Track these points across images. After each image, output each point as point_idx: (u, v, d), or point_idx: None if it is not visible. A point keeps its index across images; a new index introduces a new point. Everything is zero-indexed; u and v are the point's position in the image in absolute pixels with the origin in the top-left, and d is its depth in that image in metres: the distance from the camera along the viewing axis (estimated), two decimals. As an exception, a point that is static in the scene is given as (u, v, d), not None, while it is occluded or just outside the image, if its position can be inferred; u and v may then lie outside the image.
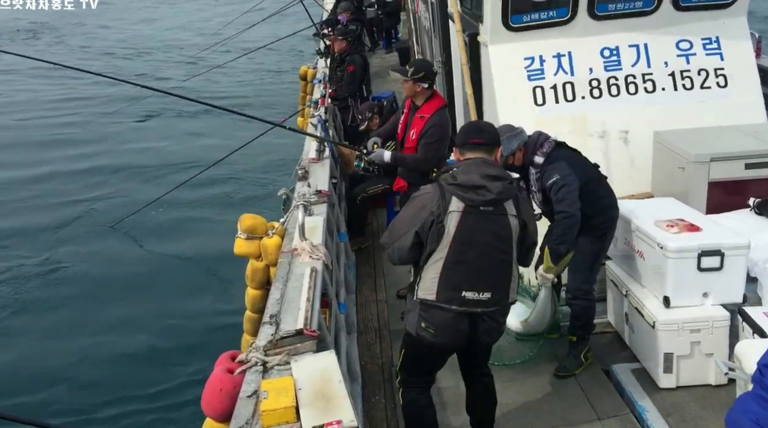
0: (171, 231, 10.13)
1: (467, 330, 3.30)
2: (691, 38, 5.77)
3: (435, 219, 3.19)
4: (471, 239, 3.19)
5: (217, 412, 2.87)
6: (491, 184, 3.18)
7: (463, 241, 3.19)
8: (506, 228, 3.23)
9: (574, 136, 5.60)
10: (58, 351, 7.45)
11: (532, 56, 5.77)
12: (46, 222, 10.53)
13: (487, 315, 3.29)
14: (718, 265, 4.11)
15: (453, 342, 3.38)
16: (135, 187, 11.96)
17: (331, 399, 2.55)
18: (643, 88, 5.73)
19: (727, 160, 4.96)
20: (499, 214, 3.22)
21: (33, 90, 19.02)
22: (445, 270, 3.21)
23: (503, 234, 3.23)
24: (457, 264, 3.20)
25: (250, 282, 4.56)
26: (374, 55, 15.70)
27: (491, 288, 3.24)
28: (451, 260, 3.20)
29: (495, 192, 3.18)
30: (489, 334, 3.38)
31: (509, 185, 3.27)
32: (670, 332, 4.12)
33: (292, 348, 2.93)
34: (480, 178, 3.19)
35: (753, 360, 3.47)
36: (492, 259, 3.23)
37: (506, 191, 3.23)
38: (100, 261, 9.32)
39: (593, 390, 4.28)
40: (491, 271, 3.25)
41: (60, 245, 9.83)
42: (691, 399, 4.09)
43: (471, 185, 3.18)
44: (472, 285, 3.21)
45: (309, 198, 4.72)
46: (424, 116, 5.27)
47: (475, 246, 3.20)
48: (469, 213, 3.18)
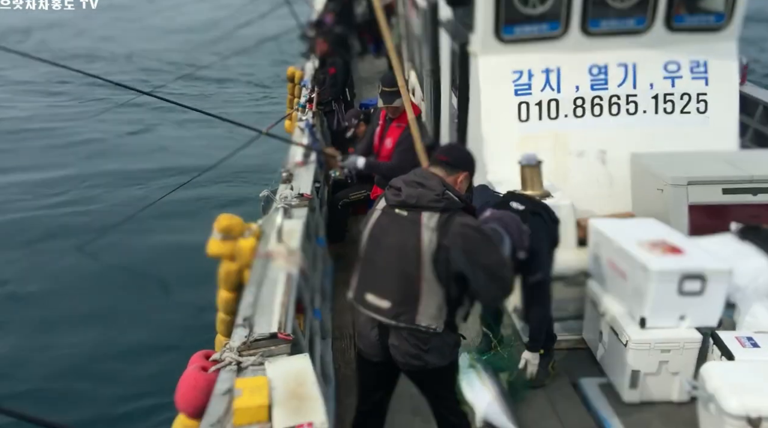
0: (151, 233, 10.02)
1: (376, 340, 3.21)
2: (680, 60, 5.78)
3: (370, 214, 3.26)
4: (380, 239, 3.16)
5: (192, 408, 2.88)
6: (408, 188, 3.12)
7: (373, 239, 3.19)
8: (413, 239, 3.05)
9: (554, 153, 5.65)
10: (32, 346, 7.41)
11: (521, 70, 5.76)
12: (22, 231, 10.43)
13: (395, 330, 3.13)
14: (698, 289, 4.12)
15: (366, 350, 3.30)
16: (118, 193, 11.78)
17: (304, 400, 2.57)
18: (626, 109, 5.77)
19: (704, 184, 5.02)
20: (410, 221, 3.08)
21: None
22: (358, 267, 3.24)
23: (408, 244, 3.05)
24: (366, 262, 3.20)
25: (223, 284, 4.43)
26: (363, 60, 15.72)
27: (390, 298, 3.09)
28: (363, 257, 3.21)
29: (404, 195, 3.11)
30: (401, 355, 3.17)
31: (434, 196, 3.08)
32: (640, 351, 4.17)
33: (266, 350, 2.95)
34: (402, 181, 3.18)
35: (716, 380, 3.59)
36: (395, 266, 3.09)
37: (421, 197, 3.08)
38: (78, 265, 9.22)
39: (561, 403, 4.34)
40: (391, 279, 3.10)
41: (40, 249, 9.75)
42: (655, 415, 4.17)
43: (393, 185, 3.20)
44: (373, 288, 3.16)
45: (290, 200, 4.70)
46: (402, 125, 5.28)
47: (382, 247, 3.15)
48: (385, 212, 3.19)
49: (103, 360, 7.22)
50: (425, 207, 3.08)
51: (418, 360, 3.17)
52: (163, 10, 31.65)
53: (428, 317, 3.06)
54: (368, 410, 3.49)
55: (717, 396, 3.51)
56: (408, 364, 3.20)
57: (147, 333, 7.62)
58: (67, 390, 6.70)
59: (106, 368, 7.10)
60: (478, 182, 5.86)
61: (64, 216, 10.88)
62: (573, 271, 4.90)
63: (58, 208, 11.27)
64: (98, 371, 7.03)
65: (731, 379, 3.58)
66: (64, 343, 7.46)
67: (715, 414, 3.56)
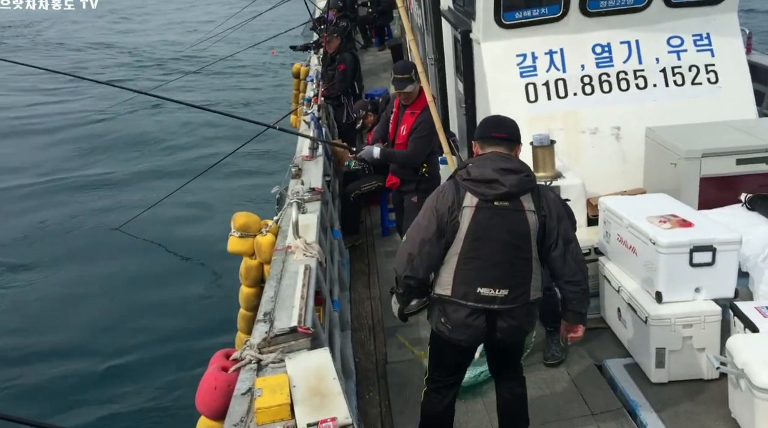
0: (166, 233, 10.08)
1: (483, 327, 3.24)
2: (682, 35, 5.80)
3: (449, 215, 3.14)
4: (485, 235, 3.12)
5: (212, 410, 2.87)
6: (504, 177, 3.10)
7: (476, 237, 3.13)
8: (523, 224, 3.13)
9: (566, 132, 5.64)
10: (50, 348, 7.46)
11: (524, 53, 5.80)
12: (50, 225, 10.56)
13: (506, 312, 3.21)
14: (710, 261, 4.12)
15: (468, 339, 3.32)
16: (130, 191, 11.89)
17: (326, 396, 2.56)
18: (635, 84, 5.76)
19: (719, 156, 4.98)
20: (515, 210, 3.13)
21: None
22: (460, 266, 3.17)
23: (520, 231, 3.13)
24: (471, 260, 3.15)
25: (244, 281, 4.56)
26: (367, 52, 15.69)
27: (508, 285, 3.16)
28: (465, 256, 3.15)
29: (508, 185, 3.09)
30: (509, 333, 3.29)
31: (526, 178, 3.15)
32: (662, 327, 4.14)
33: (286, 345, 2.94)
34: (493, 172, 3.11)
35: (744, 355, 3.53)
36: (508, 256, 3.14)
37: (521, 184, 3.12)
38: (97, 262, 9.31)
39: (586, 386, 4.30)
40: (507, 268, 3.16)
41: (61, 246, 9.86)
42: (683, 394, 4.11)
43: (483, 179, 3.11)
44: (487, 282, 3.15)
45: (303, 195, 4.73)
46: (415, 112, 5.30)
47: (489, 242, 3.13)
48: (482, 208, 3.12)
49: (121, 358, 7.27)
50: (524, 191, 3.15)
51: (522, 331, 3.39)
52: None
53: (535, 290, 3.24)
54: (452, 383, 3.59)
55: (746, 371, 3.46)
56: (513, 338, 3.39)
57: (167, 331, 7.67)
58: (81, 395, 6.75)
59: (124, 367, 7.14)
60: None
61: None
62: (584, 249, 4.86)
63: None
64: (116, 371, 7.08)
65: (759, 353, 3.52)
66: (78, 346, 7.52)
67: (745, 389, 3.51)
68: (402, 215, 5.72)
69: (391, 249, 6.42)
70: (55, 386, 6.88)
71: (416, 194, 5.36)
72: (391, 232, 6.74)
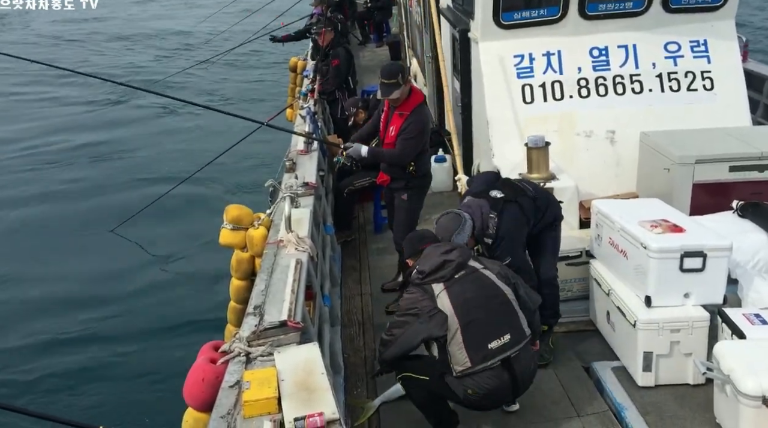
0: (160, 227, 10.04)
1: (508, 378, 3.54)
2: (680, 40, 5.81)
3: (433, 313, 3.49)
4: (466, 301, 3.50)
5: (199, 402, 2.86)
6: (449, 255, 3.60)
7: (462, 305, 3.49)
8: (485, 278, 3.60)
9: (561, 134, 5.64)
10: (40, 337, 7.43)
11: (522, 54, 5.80)
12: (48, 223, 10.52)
13: (516, 359, 3.53)
14: (700, 266, 4.14)
15: (500, 395, 3.64)
16: (124, 189, 11.83)
17: (314, 390, 2.55)
18: (631, 88, 5.77)
19: (712, 162, 5.00)
20: (472, 272, 3.60)
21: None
22: (465, 337, 3.47)
23: (487, 283, 3.60)
24: (470, 324, 3.48)
25: (235, 273, 4.54)
26: (365, 49, 15.66)
27: (507, 330, 3.53)
28: (464, 325, 3.47)
29: (456, 258, 3.58)
30: (528, 373, 3.64)
31: (463, 250, 3.69)
32: (650, 331, 4.16)
33: (275, 339, 2.94)
34: (439, 257, 3.60)
35: (730, 361, 3.55)
36: (492, 307, 3.54)
37: (464, 253, 3.67)
38: (90, 258, 9.30)
39: (573, 388, 4.31)
40: (498, 317, 3.54)
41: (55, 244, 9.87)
42: (670, 398, 4.13)
43: (436, 267, 3.57)
44: (491, 336, 3.50)
45: (296, 189, 4.72)
46: (403, 113, 5.23)
47: (473, 304, 3.50)
48: (450, 285, 3.54)
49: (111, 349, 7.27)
50: (468, 258, 3.66)
51: (533, 369, 3.71)
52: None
53: (526, 326, 3.63)
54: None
55: (732, 377, 3.48)
56: (532, 378, 3.72)
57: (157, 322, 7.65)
58: (71, 385, 6.73)
59: (114, 358, 7.14)
60: (485, 167, 5.86)
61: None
62: (575, 252, 4.94)
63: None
64: (106, 362, 7.07)
65: (745, 359, 3.54)
66: (68, 337, 7.51)
67: (730, 395, 3.53)
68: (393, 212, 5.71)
69: (384, 245, 6.42)
70: (42, 376, 6.87)
71: (406, 192, 5.35)
72: (384, 229, 6.72)
